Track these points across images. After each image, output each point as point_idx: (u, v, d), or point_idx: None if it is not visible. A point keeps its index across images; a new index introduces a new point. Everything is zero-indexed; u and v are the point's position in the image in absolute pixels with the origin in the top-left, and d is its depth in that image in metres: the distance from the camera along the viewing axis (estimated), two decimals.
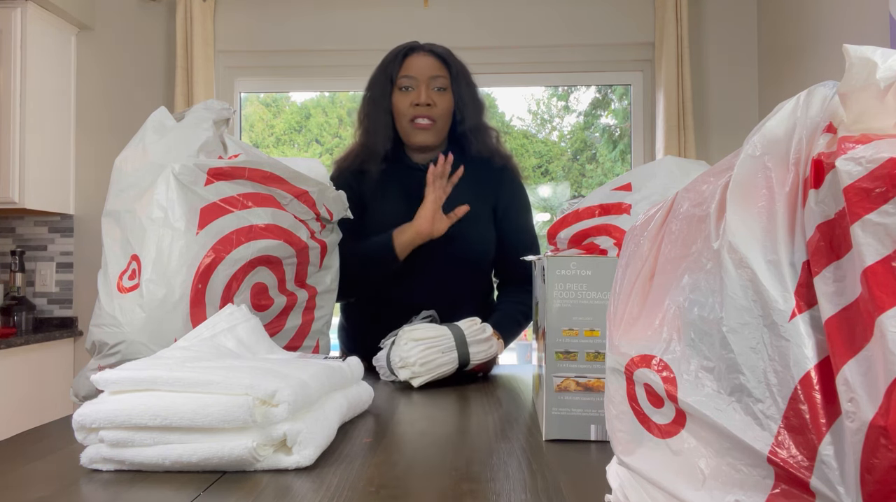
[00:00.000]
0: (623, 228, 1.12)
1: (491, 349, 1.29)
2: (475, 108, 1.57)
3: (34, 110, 2.80)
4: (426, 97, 1.51)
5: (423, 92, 1.51)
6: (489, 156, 1.58)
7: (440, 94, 1.54)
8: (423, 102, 1.51)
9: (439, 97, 1.53)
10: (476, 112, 1.57)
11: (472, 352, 1.24)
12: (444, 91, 1.54)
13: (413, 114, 1.52)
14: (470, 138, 1.57)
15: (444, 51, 1.57)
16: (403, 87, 1.53)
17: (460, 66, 1.57)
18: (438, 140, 1.57)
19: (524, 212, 1.63)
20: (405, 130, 1.55)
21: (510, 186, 1.60)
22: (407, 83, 1.53)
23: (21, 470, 0.74)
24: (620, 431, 0.51)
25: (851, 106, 0.38)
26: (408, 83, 1.53)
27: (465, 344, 1.24)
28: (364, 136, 1.58)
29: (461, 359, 1.23)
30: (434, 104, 1.52)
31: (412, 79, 1.52)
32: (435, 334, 1.23)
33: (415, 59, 1.54)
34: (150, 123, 1.15)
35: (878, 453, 0.32)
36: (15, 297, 2.89)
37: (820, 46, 2.45)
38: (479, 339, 1.27)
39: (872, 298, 0.33)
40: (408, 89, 1.53)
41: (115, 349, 0.99)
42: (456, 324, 1.27)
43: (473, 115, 1.56)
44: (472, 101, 1.57)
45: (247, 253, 1.05)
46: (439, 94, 1.53)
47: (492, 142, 1.60)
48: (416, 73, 1.52)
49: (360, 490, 0.67)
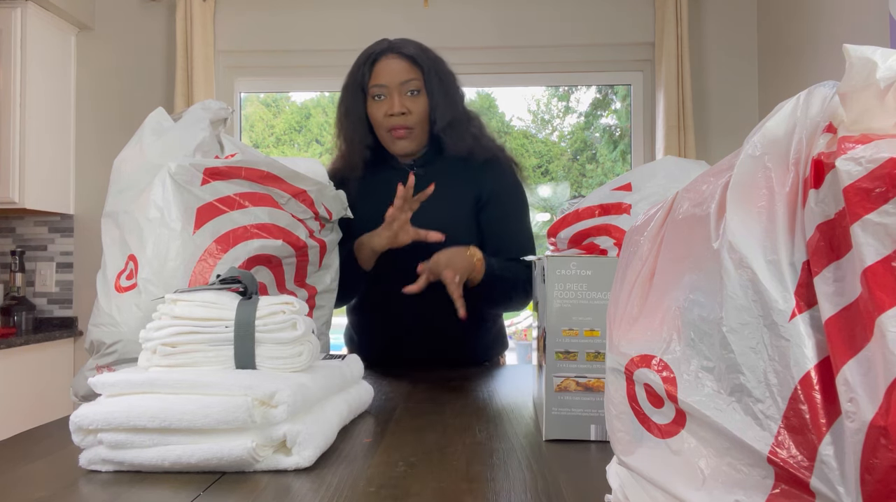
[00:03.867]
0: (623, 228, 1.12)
1: (300, 357, 0.82)
2: (448, 105, 1.50)
3: (34, 110, 2.80)
4: (399, 106, 1.46)
5: (395, 100, 1.46)
6: (467, 153, 1.52)
7: (414, 98, 1.48)
8: (396, 112, 1.46)
9: (413, 102, 1.48)
10: (448, 109, 1.50)
11: (262, 353, 0.80)
12: (418, 94, 1.49)
13: (389, 124, 1.48)
14: (444, 139, 1.52)
15: (413, 50, 1.49)
16: (375, 95, 1.49)
17: (432, 63, 1.51)
18: (419, 145, 1.53)
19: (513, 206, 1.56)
20: (384, 139, 1.52)
21: (496, 176, 1.54)
22: (378, 91, 1.48)
23: (21, 471, 0.74)
24: (620, 431, 0.51)
25: (851, 106, 0.38)
26: (379, 91, 1.48)
27: (249, 337, 0.80)
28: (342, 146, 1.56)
29: (239, 361, 0.80)
30: (409, 111, 1.47)
31: (383, 87, 1.47)
32: (208, 316, 0.81)
33: (384, 65, 1.48)
34: (147, 124, 1.15)
35: (878, 453, 0.32)
36: (15, 297, 2.89)
37: (820, 46, 2.45)
38: (280, 339, 0.81)
39: (872, 298, 0.33)
40: (380, 97, 1.48)
41: (112, 348, 0.99)
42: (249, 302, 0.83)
43: (445, 113, 1.50)
44: (446, 97, 1.50)
45: (244, 252, 1.05)
46: (413, 98, 1.48)
47: (468, 138, 1.52)
48: (387, 81, 1.47)
49: (360, 490, 0.67)
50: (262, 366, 0.80)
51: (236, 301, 0.83)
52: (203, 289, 0.84)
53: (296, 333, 0.81)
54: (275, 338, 0.81)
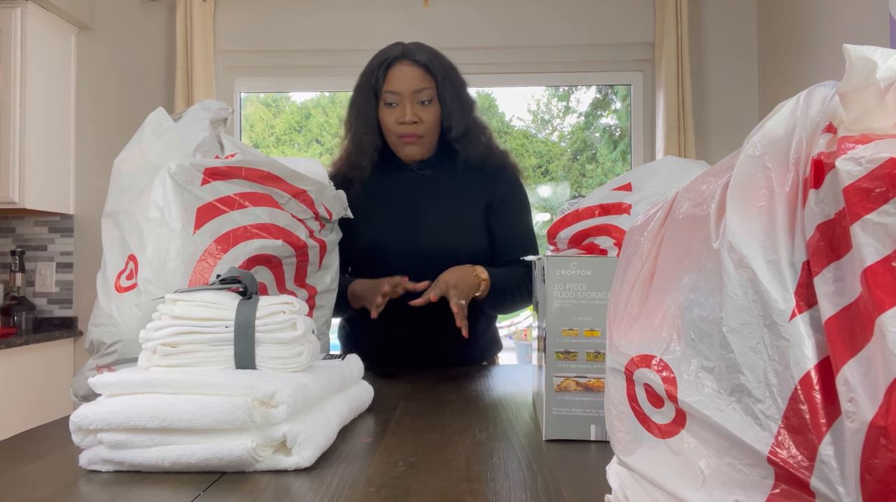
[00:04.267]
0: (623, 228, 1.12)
1: (300, 357, 0.83)
2: (462, 113, 1.52)
3: (34, 110, 2.80)
4: (411, 114, 1.47)
5: (407, 109, 1.47)
6: (480, 162, 1.54)
7: (425, 107, 1.49)
8: (408, 121, 1.47)
9: (425, 111, 1.49)
10: (462, 118, 1.52)
11: (262, 353, 0.81)
12: (430, 103, 1.50)
13: (399, 132, 1.50)
14: (458, 148, 1.54)
15: (427, 57, 1.50)
16: (388, 102, 1.49)
17: (445, 71, 1.52)
18: (428, 152, 1.55)
19: (520, 210, 1.59)
20: (393, 144, 1.53)
21: (505, 183, 1.57)
22: (391, 99, 1.49)
23: (21, 470, 0.74)
24: (620, 431, 0.51)
25: (851, 106, 0.38)
26: (392, 99, 1.49)
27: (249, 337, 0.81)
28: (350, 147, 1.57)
29: (239, 361, 0.81)
30: (420, 120, 1.48)
31: (396, 94, 1.48)
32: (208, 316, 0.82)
33: (398, 72, 1.48)
34: (147, 124, 1.15)
35: (878, 453, 0.32)
36: (15, 297, 2.89)
37: (820, 46, 2.45)
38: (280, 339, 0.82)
39: (872, 298, 0.33)
40: (392, 104, 1.49)
41: (112, 348, 0.99)
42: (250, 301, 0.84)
43: (460, 121, 1.52)
44: (460, 106, 1.52)
45: (244, 252, 1.05)
46: (424, 108, 1.49)
47: (481, 146, 1.55)
48: (400, 88, 1.47)
49: (360, 490, 0.67)
50: (262, 366, 0.81)
51: (236, 301, 0.83)
52: (203, 289, 0.84)
53: (296, 333, 0.81)
54: (275, 338, 0.81)
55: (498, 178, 1.56)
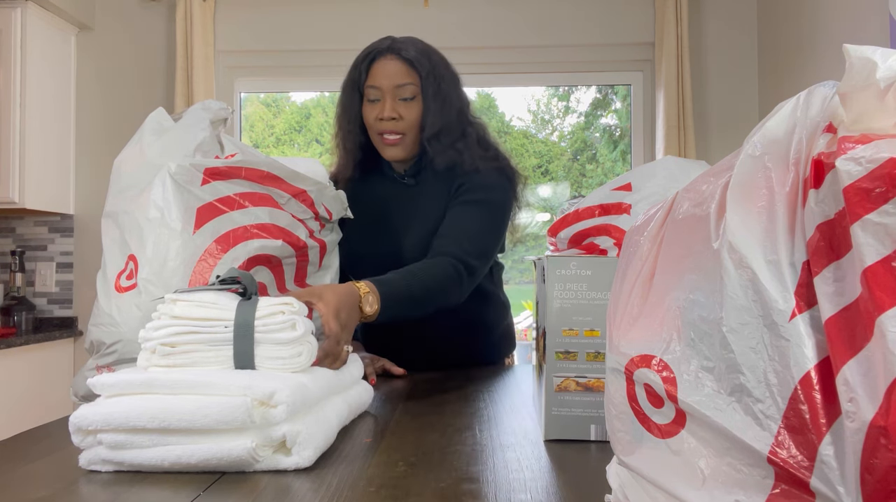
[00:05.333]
0: (623, 228, 1.12)
1: (300, 357, 0.82)
2: (441, 113, 1.43)
3: (34, 110, 2.80)
4: (390, 111, 1.41)
5: (387, 105, 1.41)
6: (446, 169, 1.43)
7: (407, 104, 1.42)
8: (386, 117, 1.41)
9: (406, 108, 1.42)
10: (439, 118, 1.43)
11: (261, 353, 0.81)
12: (412, 100, 1.42)
13: (379, 128, 1.43)
14: (428, 149, 1.44)
15: (414, 53, 1.42)
16: (370, 98, 1.44)
17: (432, 67, 1.44)
18: (410, 153, 1.47)
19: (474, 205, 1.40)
20: (375, 142, 1.48)
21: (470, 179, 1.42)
22: (373, 94, 1.43)
23: (21, 470, 0.74)
24: (620, 431, 0.51)
25: (851, 106, 0.38)
26: (373, 94, 1.43)
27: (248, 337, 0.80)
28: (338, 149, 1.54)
29: (238, 361, 0.80)
30: (400, 117, 1.42)
31: (377, 89, 1.42)
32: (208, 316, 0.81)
33: (381, 66, 1.42)
34: (147, 124, 1.15)
35: (878, 453, 0.32)
36: (15, 297, 2.89)
37: (820, 46, 2.45)
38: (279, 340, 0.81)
39: (872, 298, 0.33)
40: (374, 101, 1.43)
41: (112, 348, 0.99)
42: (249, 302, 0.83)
43: (434, 122, 1.42)
44: (441, 105, 1.43)
45: (244, 252, 1.05)
46: (406, 104, 1.42)
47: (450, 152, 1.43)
48: (381, 83, 1.41)
49: (360, 490, 0.67)
50: (261, 366, 0.81)
51: (236, 301, 0.83)
52: (203, 290, 0.84)
53: (295, 333, 0.81)
54: (274, 338, 0.81)
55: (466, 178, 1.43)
